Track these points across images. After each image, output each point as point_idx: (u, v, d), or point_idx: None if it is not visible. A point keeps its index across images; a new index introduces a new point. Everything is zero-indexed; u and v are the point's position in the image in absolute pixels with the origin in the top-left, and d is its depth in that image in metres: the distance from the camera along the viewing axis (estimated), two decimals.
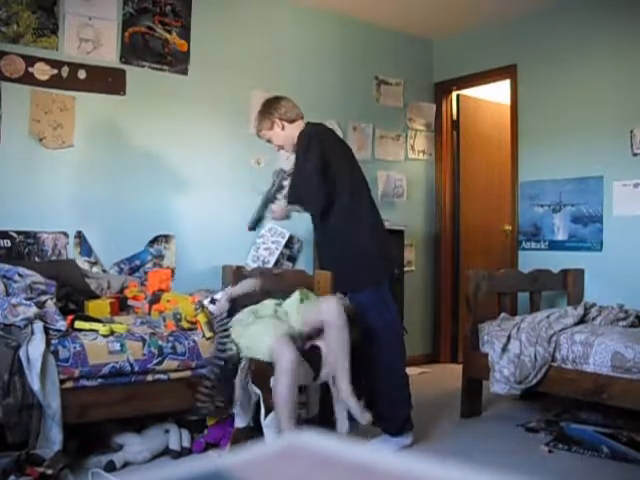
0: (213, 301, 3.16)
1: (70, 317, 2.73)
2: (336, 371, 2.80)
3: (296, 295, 3.02)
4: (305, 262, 4.42)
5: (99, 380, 2.59)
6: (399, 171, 4.97)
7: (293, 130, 3.09)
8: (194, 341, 2.85)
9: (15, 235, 3.39)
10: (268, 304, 3.03)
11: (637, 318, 3.48)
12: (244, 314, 2.98)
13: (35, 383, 2.40)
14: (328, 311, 2.78)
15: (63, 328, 2.62)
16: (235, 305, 3.09)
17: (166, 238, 3.90)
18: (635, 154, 3.97)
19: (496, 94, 5.25)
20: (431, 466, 0.49)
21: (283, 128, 3.11)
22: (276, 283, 3.62)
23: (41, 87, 3.48)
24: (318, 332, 2.87)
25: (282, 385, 2.62)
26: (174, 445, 2.78)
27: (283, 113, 3.10)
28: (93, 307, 3.08)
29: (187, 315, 2.92)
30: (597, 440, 3.02)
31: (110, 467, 2.57)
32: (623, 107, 4.02)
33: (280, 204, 3.07)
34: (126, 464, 2.66)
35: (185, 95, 3.98)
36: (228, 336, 2.81)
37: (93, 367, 2.56)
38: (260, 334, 2.80)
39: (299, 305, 2.96)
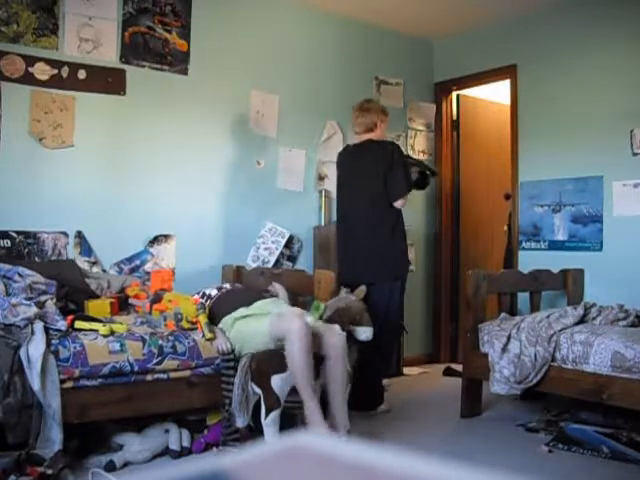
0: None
1: (70, 317, 2.73)
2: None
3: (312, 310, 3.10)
4: (305, 262, 4.42)
5: (99, 380, 2.59)
6: None
7: None
8: (194, 341, 2.85)
9: (15, 235, 3.39)
10: (264, 308, 3.05)
11: (637, 318, 3.47)
12: (236, 315, 3.01)
13: (35, 383, 2.40)
14: (291, 325, 2.77)
15: (63, 328, 2.62)
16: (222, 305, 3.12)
17: (166, 238, 3.90)
18: (635, 154, 3.97)
19: (496, 94, 5.25)
20: (431, 466, 0.49)
21: None
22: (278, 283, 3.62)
23: (41, 87, 3.48)
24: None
25: (297, 352, 2.63)
26: (174, 445, 2.78)
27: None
28: (93, 307, 3.08)
29: (188, 315, 2.93)
30: (597, 440, 3.02)
31: (110, 467, 2.57)
32: (623, 107, 4.01)
33: None
34: (126, 464, 2.66)
35: (185, 95, 3.98)
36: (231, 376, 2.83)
37: (93, 367, 2.56)
38: (256, 325, 2.84)
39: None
